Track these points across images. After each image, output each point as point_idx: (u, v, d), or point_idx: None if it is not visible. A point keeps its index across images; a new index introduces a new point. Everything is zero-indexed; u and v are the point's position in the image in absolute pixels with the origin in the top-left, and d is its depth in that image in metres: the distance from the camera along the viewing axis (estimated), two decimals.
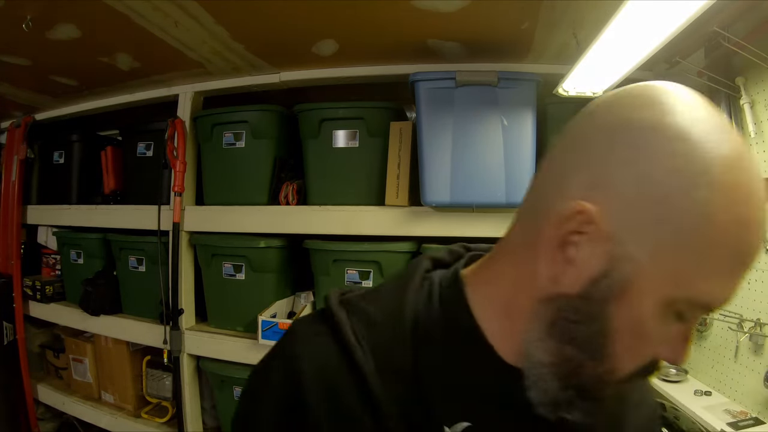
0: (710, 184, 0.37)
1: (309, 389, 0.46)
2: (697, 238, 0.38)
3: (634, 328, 0.40)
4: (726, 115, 1.28)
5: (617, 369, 0.42)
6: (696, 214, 0.37)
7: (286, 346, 0.52)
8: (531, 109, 1.53)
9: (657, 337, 0.41)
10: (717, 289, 0.39)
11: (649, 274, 0.39)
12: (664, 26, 0.98)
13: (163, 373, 1.99)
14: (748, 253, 0.39)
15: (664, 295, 0.39)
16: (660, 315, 0.40)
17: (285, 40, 1.56)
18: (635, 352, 0.42)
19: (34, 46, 1.59)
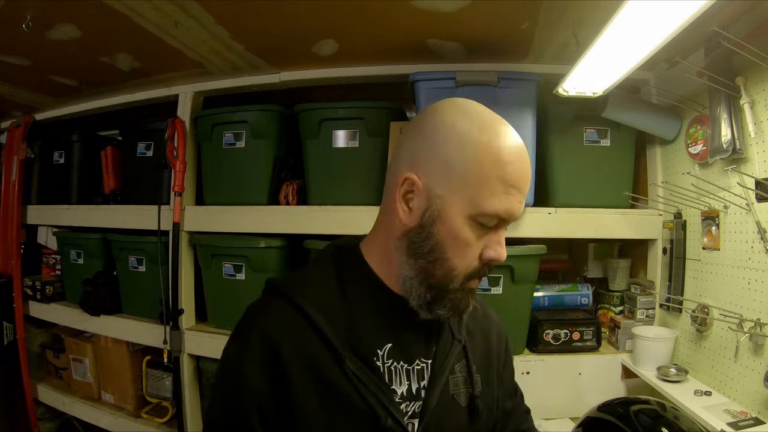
0: (474, 145, 0.63)
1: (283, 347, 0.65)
2: (472, 176, 0.63)
3: (454, 237, 0.64)
4: (726, 115, 1.28)
5: (454, 267, 0.65)
6: (468, 163, 0.63)
7: (254, 320, 0.70)
8: (531, 109, 1.53)
9: (475, 242, 0.65)
10: (497, 203, 0.63)
11: (451, 202, 0.64)
12: (664, 26, 0.98)
13: (163, 373, 1.99)
14: (512, 180, 0.63)
15: (465, 213, 0.63)
16: (467, 225, 0.64)
17: (285, 40, 1.56)
18: (461, 253, 0.65)
19: (34, 46, 1.59)
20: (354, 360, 0.66)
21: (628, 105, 1.58)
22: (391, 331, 0.70)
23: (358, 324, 0.68)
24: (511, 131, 0.66)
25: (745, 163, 1.29)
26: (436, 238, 0.65)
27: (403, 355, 0.70)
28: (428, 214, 0.65)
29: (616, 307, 1.80)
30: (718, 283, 1.39)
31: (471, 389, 0.75)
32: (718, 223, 1.39)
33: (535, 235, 1.63)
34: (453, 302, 0.67)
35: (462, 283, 0.66)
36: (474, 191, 0.63)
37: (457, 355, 0.75)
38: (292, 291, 0.70)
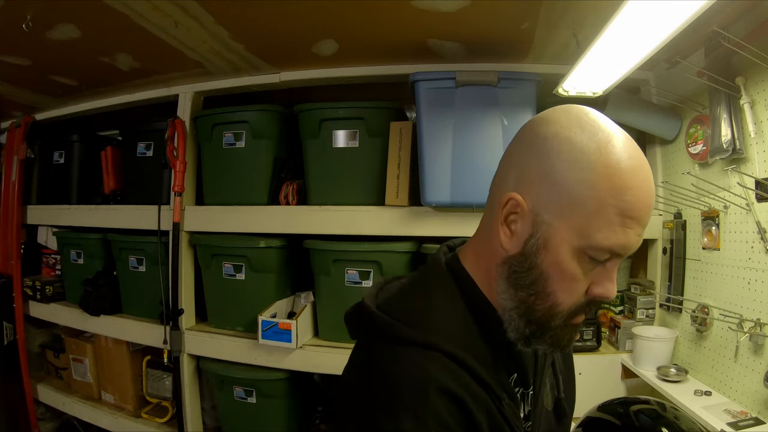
0: (589, 166, 0.55)
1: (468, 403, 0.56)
2: (585, 203, 0.55)
3: (559, 270, 0.57)
4: (726, 115, 1.28)
5: (558, 303, 0.58)
6: (581, 187, 0.55)
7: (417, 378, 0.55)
8: (531, 109, 1.53)
9: (583, 278, 0.57)
10: (611, 237, 0.55)
11: (559, 231, 0.56)
12: (664, 26, 0.98)
13: (163, 373, 1.99)
14: (631, 210, 0.54)
15: (573, 245, 0.56)
16: (575, 258, 0.57)
17: (285, 40, 1.56)
18: (567, 288, 0.58)
19: (34, 46, 1.59)
20: (509, 402, 0.61)
21: (628, 105, 1.58)
22: (513, 359, 0.66)
23: (495, 359, 0.63)
24: (635, 152, 0.57)
25: (745, 163, 1.29)
26: (539, 269, 0.58)
27: (525, 382, 0.67)
28: (532, 242, 0.58)
29: (616, 307, 1.80)
30: (718, 283, 1.39)
31: (557, 392, 0.75)
32: (718, 223, 1.39)
33: None
34: (554, 339, 0.61)
35: (566, 320, 0.59)
36: (586, 220, 0.55)
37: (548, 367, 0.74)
38: (438, 339, 0.58)
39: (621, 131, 0.58)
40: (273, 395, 1.76)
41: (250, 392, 1.77)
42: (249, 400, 1.77)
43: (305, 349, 1.70)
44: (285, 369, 1.72)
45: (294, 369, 1.71)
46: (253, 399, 1.77)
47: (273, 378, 1.74)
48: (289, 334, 1.64)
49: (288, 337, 1.64)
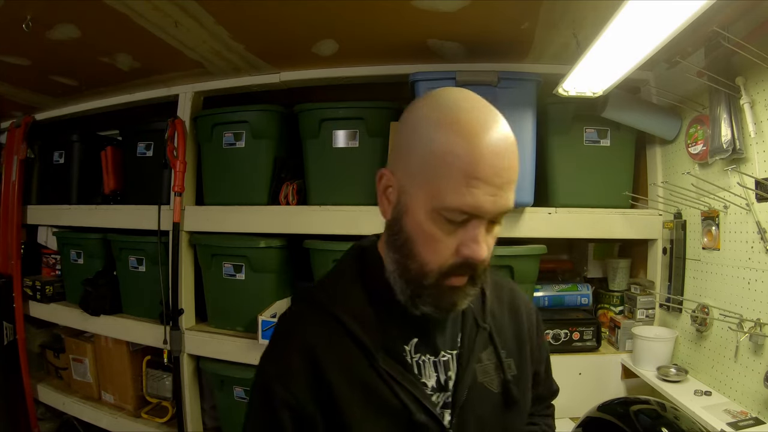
0: (431, 139, 0.60)
1: (322, 358, 0.65)
2: (433, 169, 0.60)
3: (420, 232, 0.63)
4: (726, 115, 1.28)
5: (425, 262, 0.63)
6: (428, 156, 0.60)
7: (289, 331, 0.71)
8: (531, 109, 1.53)
9: (445, 238, 0.62)
10: (459, 198, 0.58)
11: (416, 197, 0.62)
12: (664, 26, 0.98)
13: (163, 373, 1.99)
14: (474, 171, 0.58)
15: (428, 207, 0.61)
16: (431, 220, 0.61)
17: (285, 40, 1.56)
18: (430, 248, 0.63)
19: (34, 46, 1.59)
20: (386, 359, 0.67)
21: (628, 105, 1.58)
22: (415, 326, 0.70)
23: (385, 323, 0.68)
24: (481, 118, 0.61)
25: (745, 163, 1.29)
26: (405, 232, 0.64)
27: (429, 348, 0.71)
28: (398, 208, 0.65)
29: (616, 307, 1.80)
30: (718, 283, 1.39)
31: (503, 375, 0.74)
32: (718, 223, 1.39)
33: (535, 235, 1.63)
34: (434, 299, 0.65)
35: (437, 280, 0.63)
36: (436, 184, 0.60)
37: (483, 342, 0.75)
38: (323, 298, 0.71)
39: (474, 104, 0.63)
40: None
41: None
42: None
43: None
44: None
45: None
46: None
47: None
48: None
49: None
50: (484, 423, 0.72)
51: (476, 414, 0.71)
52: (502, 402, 0.74)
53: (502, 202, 0.60)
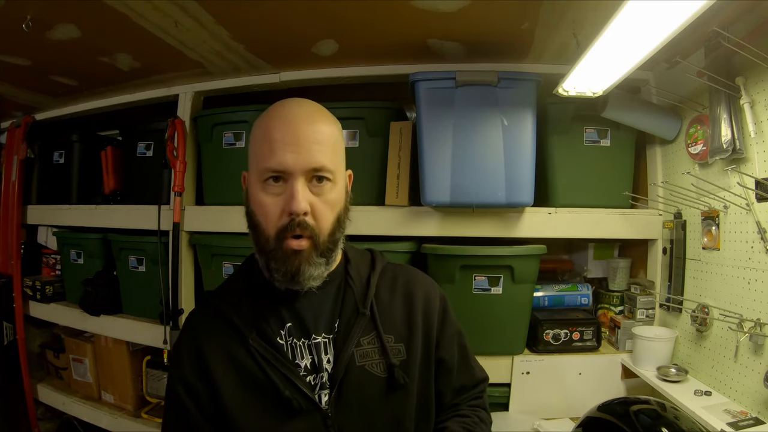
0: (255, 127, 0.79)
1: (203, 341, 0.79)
2: (253, 150, 0.78)
3: (254, 202, 0.77)
4: (726, 115, 1.28)
5: (262, 227, 0.76)
6: (252, 144, 0.79)
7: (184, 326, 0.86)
8: (531, 109, 1.53)
9: (272, 201, 0.75)
10: (267, 159, 0.74)
11: (251, 179, 0.79)
12: (664, 26, 0.98)
13: (163, 373, 1.99)
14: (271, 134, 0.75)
15: (255, 180, 0.77)
16: (260, 190, 0.76)
17: (285, 40, 1.56)
18: (261, 213, 0.76)
19: (34, 46, 1.59)
20: (257, 339, 0.76)
21: (628, 105, 1.58)
22: (291, 313, 0.80)
23: (261, 311, 0.79)
24: (283, 104, 0.79)
25: (745, 163, 1.29)
26: (250, 209, 0.79)
27: (302, 332, 0.79)
28: (246, 195, 0.81)
29: (616, 307, 1.80)
30: (718, 283, 1.39)
31: (387, 358, 0.79)
32: (718, 223, 1.39)
33: (535, 235, 1.63)
34: (280, 265, 0.75)
35: (277, 242, 0.74)
36: (255, 160, 0.76)
37: (364, 327, 0.80)
38: (210, 297, 0.85)
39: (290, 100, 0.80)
40: None
41: None
42: None
43: None
44: None
45: None
46: None
47: None
48: None
49: None
50: (366, 405, 0.77)
51: (357, 396, 0.76)
52: (386, 385, 0.78)
53: (305, 158, 0.73)
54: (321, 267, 0.77)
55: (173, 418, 0.79)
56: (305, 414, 0.74)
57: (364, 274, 0.87)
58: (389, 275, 0.88)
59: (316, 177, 0.75)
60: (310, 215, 0.74)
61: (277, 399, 0.73)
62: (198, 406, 0.76)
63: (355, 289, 0.83)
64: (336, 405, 0.75)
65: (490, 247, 1.55)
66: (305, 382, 0.76)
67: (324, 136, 0.76)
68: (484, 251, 1.54)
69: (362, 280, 0.85)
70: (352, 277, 0.85)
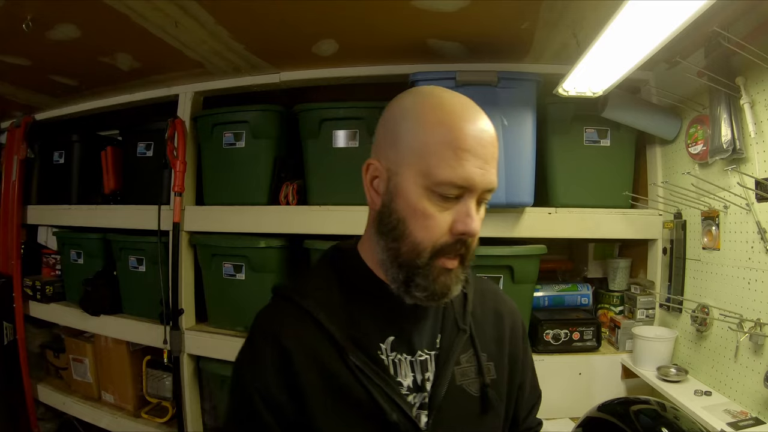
0: (416, 115, 0.65)
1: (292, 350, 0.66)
2: (421, 146, 0.63)
3: (412, 210, 0.64)
4: (726, 115, 1.28)
5: (418, 241, 0.64)
6: (419, 136, 0.63)
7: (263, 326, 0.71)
8: (531, 109, 1.53)
9: (438, 215, 0.63)
10: (449, 171, 0.61)
11: (406, 177, 0.64)
12: (664, 26, 0.98)
13: (163, 373, 1.99)
14: (461, 142, 0.61)
15: (420, 185, 0.63)
16: (425, 198, 0.63)
17: (285, 40, 1.56)
18: (422, 225, 0.64)
19: (34, 46, 1.59)
20: (357, 353, 0.66)
21: (628, 105, 1.58)
22: (392, 324, 0.70)
23: (360, 320, 0.69)
24: (461, 98, 0.67)
25: (745, 163, 1.29)
26: (397, 214, 0.65)
27: (406, 347, 0.70)
28: (388, 192, 0.67)
29: (616, 307, 1.80)
30: (718, 283, 1.39)
31: (482, 378, 0.74)
32: (718, 223, 1.39)
33: (535, 235, 1.63)
34: (427, 282, 0.65)
35: (430, 259, 0.64)
36: (424, 161, 0.63)
37: (463, 345, 0.74)
38: (296, 294, 0.71)
39: (451, 92, 0.68)
40: None
41: None
42: None
43: None
44: None
45: None
46: None
47: None
48: None
49: None
50: (463, 426, 0.72)
51: (453, 416, 0.71)
52: (479, 406, 0.73)
53: (489, 176, 0.64)
54: (462, 283, 0.69)
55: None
56: None
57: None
58: (479, 290, 0.82)
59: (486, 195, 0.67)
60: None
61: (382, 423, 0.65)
62: (279, 423, 0.66)
63: (455, 303, 0.76)
64: (435, 425, 0.69)
65: (490, 247, 1.55)
66: (408, 403, 0.68)
67: (497, 150, 0.66)
68: (483, 251, 1.54)
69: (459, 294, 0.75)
70: None
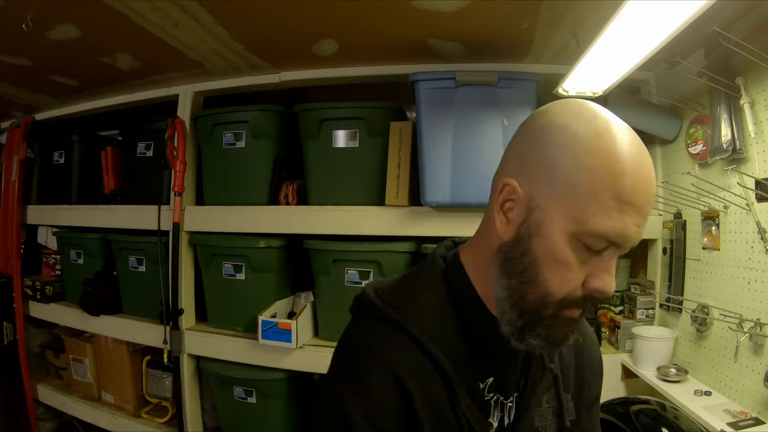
0: (585, 151, 0.53)
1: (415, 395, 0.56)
2: (580, 187, 0.53)
3: (552, 257, 0.55)
4: (726, 115, 1.28)
5: (551, 292, 0.55)
6: (578, 171, 0.53)
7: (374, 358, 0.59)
8: (531, 109, 1.52)
9: (578, 267, 0.55)
10: (607, 223, 0.52)
11: (554, 216, 0.54)
12: (664, 26, 0.98)
13: (163, 373, 1.99)
14: (628, 195, 0.52)
15: (568, 230, 0.54)
16: (569, 245, 0.54)
17: (285, 40, 1.56)
18: (560, 276, 0.55)
19: (34, 46, 1.59)
20: (469, 404, 0.60)
21: (628, 105, 1.58)
22: (494, 363, 0.64)
23: (470, 358, 0.62)
24: (633, 139, 0.56)
25: (745, 163, 1.29)
26: (532, 256, 0.56)
27: (502, 389, 0.64)
28: (525, 227, 0.56)
29: (616, 307, 1.80)
30: (718, 283, 1.39)
31: (561, 420, 0.68)
32: (718, 223, 1.39)
33: None
34: (548, 332, 0.58)
35: (557, 311, 0.57)
36: (581, 205, 0.53)
37: (546, 385, 0.68)
38: (410, 322, 0.60)
39: (620, 121, 0.57)
40: (273, 395, 1.76)
41: (250, 392, 1.77)
42: (249, 400, 1.77)
43: (305, 349, 1.70)
44: (285, 369, 1.72)
45: (294, 369, 1.71)
46: (253, 399, 1.77)
47: (273, 378, 1.74)
48: (289, 334, 1.64)
49: (288, 337, 1.64)
50: None
51: None
52: None
53: (641, 233, 0.55)
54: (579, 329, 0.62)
55: None
56: None
57: None
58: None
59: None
60: None
61: None
62: None
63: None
64: None
65: None
66: None
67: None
68: None
69: None
70: None
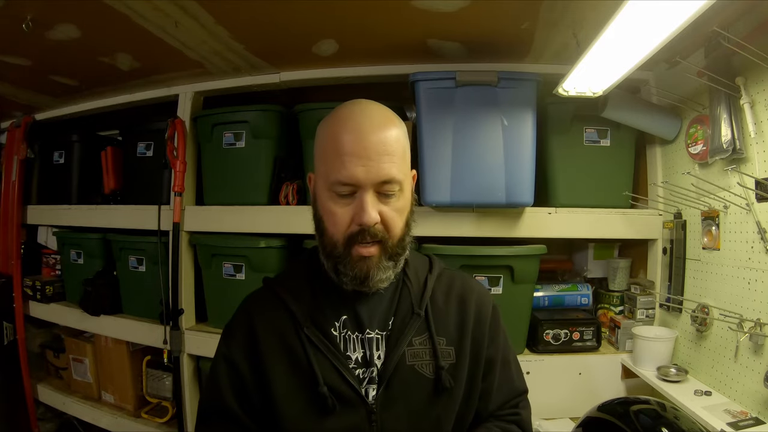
0: (320, 130, 0.79)
1: (256, 320, 0.82)
2: (321, 155, 0.78)
3: (323, 209, 0.78)
4: (726, 115, 1.28)
5: (330, 234, 0.77)
6: (320, 148, 0.79)
7: (244, 308, 0.87)
8: (531, 109, 1.53)
9: (340, 210, 0.75)
10: (340, 172, 0.73)
11: (317, 182, 0.80)
12: (664, 26, 0.98)
13: (163, 373, 1.99)
14: (344, 148, 0.73)
15: (323, 188, 0.77)
16: (329, 199, 0.76)
17: (285, 40, 1.56)
18: (330, 221, 0.77)
19: (34, 46, 1.59)
20: (312, 329, 0.78)
21: (628, 105, 1.58)
22: (347, 307, 0.81)
23: (320, 302, 0.82)
24: (354, 109, 0.77)
25: (745, 163, 1.29)
26: (318, 214, 0.80)
27: (357, 326, 0.80)
28: (314, 198, 0.81)
29: (616, 307, 1.80)
30: (718, 283, 1.39)
31: (436, 361, 0.79)
32: (718, 223, 1.39)
33: (535, 235, 1.63)
34: (348, 268, 0.76)
35: (345, 249, 0.75)
36: (324, 166, 0.76)
37: (417, 327, 0.81)
38: (271, 282, 0.87)
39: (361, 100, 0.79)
40: None
41: None
42: None
43: None
44: None
45: None
46: None
47: None
48: None
49: None
50: (411, 404, 0.77)
51: (403, 394, 0.77)
52: (433, 387, 0.78)
53: (375, 171, 0.72)
54: (389, 270, 0.78)
55: (208, 393, 0.82)
56: (350, 407, 0.75)
57: (421, 276, 0.88)
58: (445, 280, 0.89)
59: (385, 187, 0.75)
60: (379, 223, 0.75)
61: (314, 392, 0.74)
62: (233, 386, 0.78)
63: (412, 290, 0.84)
64: (382, 401, 0.76)
65: (490, 247, 1.55)
66: (354, 375, 0.77)
67: (393, 146, 0.74)
68: (483, 251, 1.54)
69: (419, 282, 0.86)
70: (409, 278, 0.86)
